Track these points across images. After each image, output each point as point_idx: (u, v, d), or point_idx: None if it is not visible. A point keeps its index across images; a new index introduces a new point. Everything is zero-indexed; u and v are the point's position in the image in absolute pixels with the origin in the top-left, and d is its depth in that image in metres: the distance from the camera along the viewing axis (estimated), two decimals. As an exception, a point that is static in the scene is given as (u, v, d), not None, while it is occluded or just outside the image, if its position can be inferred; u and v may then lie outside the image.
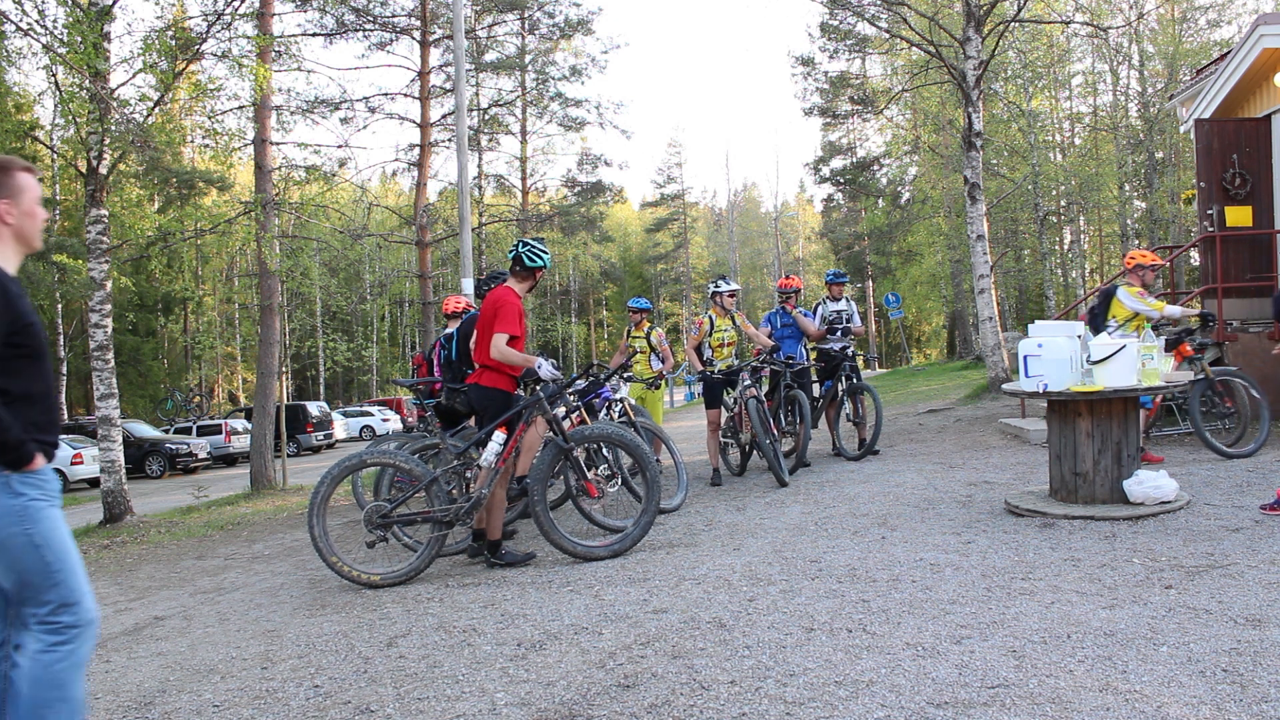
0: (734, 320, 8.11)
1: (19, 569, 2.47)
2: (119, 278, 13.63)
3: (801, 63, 37.04)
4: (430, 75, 22.45)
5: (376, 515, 5.26)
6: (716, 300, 8.05)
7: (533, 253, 5.56)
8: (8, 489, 2.46)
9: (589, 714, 2.95)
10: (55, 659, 2.47)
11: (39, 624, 2.49)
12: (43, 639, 2.48)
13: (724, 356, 8.02)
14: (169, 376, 36.75)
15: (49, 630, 2.48)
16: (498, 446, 5.28)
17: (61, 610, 2.50)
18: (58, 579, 2.50)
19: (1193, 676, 2.86)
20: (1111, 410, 5.32)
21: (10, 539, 2.45)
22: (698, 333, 8.10)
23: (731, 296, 8.06)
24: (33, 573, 2.48)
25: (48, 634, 2.48)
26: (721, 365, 7.92)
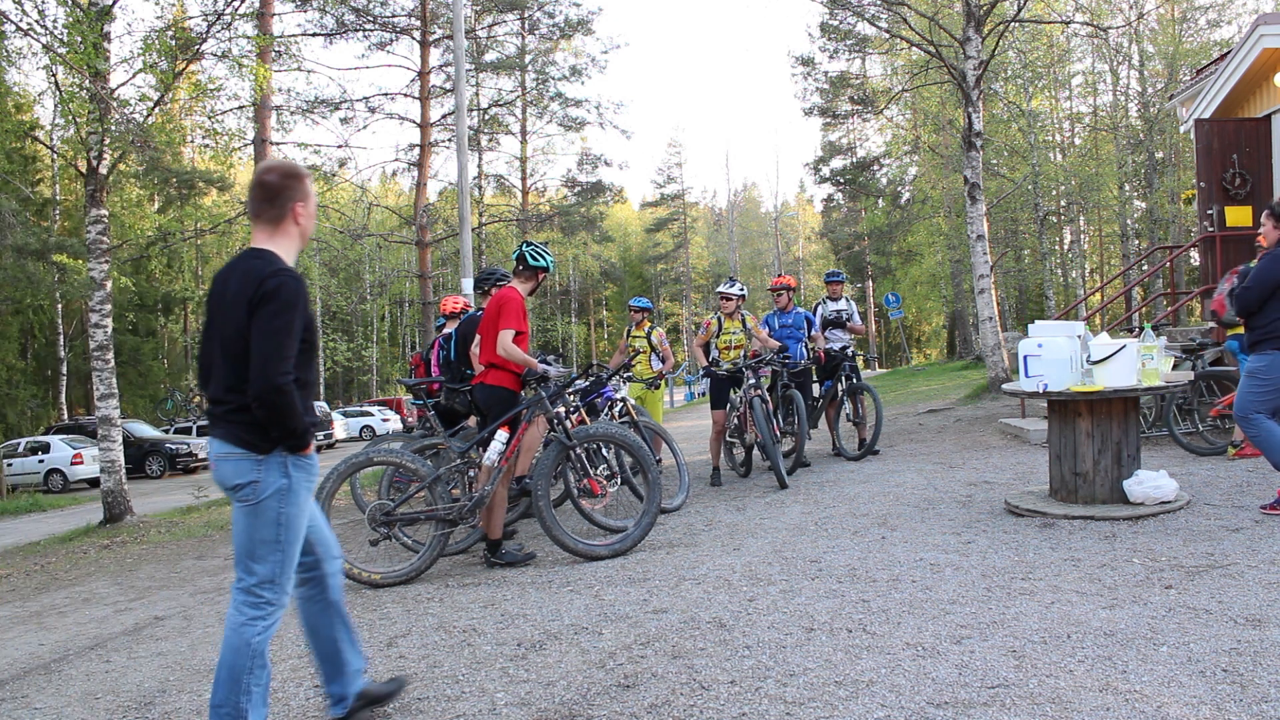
0: (744, 323, 7.99)
1: (257, 537, 2.72)
2: (119, 278, 13.63)
3: (801, 63, 37.09)
4: (430, 75, 22.47)
5: (380, 514, 5.26)
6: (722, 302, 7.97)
7: (536, 253, 5.58)
8: (282, 469, 2.74)
9: (589, 714, 2.95)
10: (251, 629, 2.71)
11: (243, 594, 2.74)
12: (243, 609, 2.72)
13: (730, 359, 7.90)
14: (169, 376, 36.73)
15: (251, 601, 2.73)
16: (500, 445, 5.29)
17: (266, 585, 2.74)
18: (278, 557, 2.75)
19: (1193, 676, 2.86)
20: (1111, 410, 5.32)
21: (265, 510, 2.71)
22: (704, 331, 8.01)
23: (726, 300, 7.89)
24: (265, 543, 2.72)
25: (248, 604, 2.73)
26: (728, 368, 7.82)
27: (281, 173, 2.86)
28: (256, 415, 2.65)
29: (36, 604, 6.34)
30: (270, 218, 2.83)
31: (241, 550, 2.75)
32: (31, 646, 4.95)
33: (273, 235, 2.84)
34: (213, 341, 2.78)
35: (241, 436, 2.71)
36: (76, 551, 8.98)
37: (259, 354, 2.63)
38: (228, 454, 2.72)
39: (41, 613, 5.97)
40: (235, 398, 2.70)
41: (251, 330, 2.65)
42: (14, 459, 21.66)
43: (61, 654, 4.67)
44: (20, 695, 3.96)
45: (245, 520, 2.74)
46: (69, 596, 6.49)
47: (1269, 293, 4.90)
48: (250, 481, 2.70)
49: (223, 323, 2.72)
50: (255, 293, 2.66)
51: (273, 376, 2.62)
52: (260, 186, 2.83)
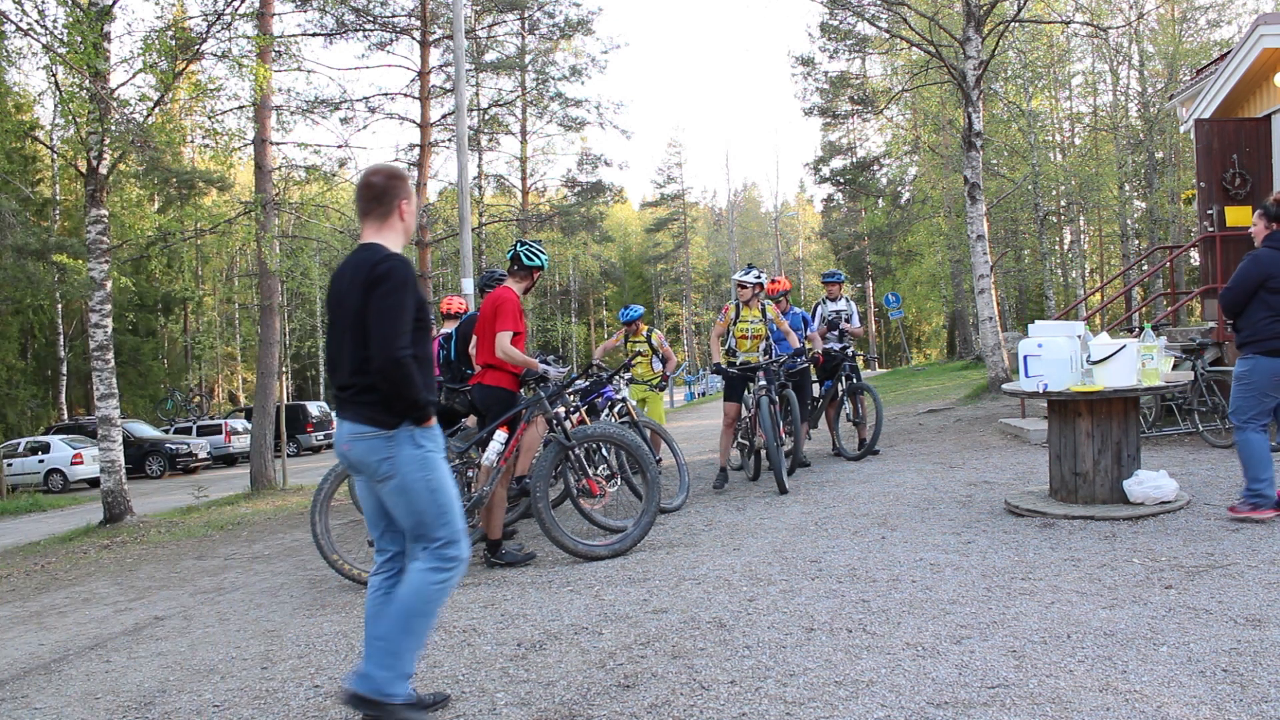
0: (764, 312, 7.64)
1: (417, 510, 2.90)
2: (119, 278, 13.59)
3: (801, 63, 37.07)
4: (430, 75, 22.47)
5: None
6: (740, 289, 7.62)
7: (530, 252, 5.58)
8: (412, 441, 2.90)
9: (589, 714, 2.95)
10: (434, 583, 2.90)
11: (429, 554, 2.93)
12: (429, 566, 2.92)
13: (747, 349, 7.54)
14: (169, 376, 36.72)
15: (437, 561, 2.92)
16: (499, 446, 5.29)
17: (448, 545, 2.94)
18: (447, 519, 2.94)
19: (1193, 676, 2.86)
20: (1111, 410, 5.32)
21: (414, 484, 2.88)
22: (723, 319, 7.70)
23: (743, 288, 7.53)
24: (428, 513, 2.91)
25: (435, 563, 2.92)
26: (745, 358, 7.51)
27: (386, 174, 3.06)
28: (380, 390, 2.83)
29: (36, 604, 6.34)
30: (379, 215, 3.03)
31: (412, 526, 2.94)
32: (31, 646, 4.95)
33: (380, 230, 3.04)
34: (340, 332, 2.98)
35: (369, 415, 2.88)
36: (76, 551, 8.98)
37: (377, 332, 2.82)
38: (359, 434, 2.89)
39: (41, 613, 5.97)
40: (361, 379, 2.88)
41: (368, 311, 2.84)
42: (14, 459, 21.65)
43: (61, 654, 4.67)
44: (20, 695, 3.96)
45: (399, 498, 2.91)
46: (69, 596, 6.49)
47: (1250, 294, 4.82)
48: (385, 458, 2.87)
49: (344, 312, 2.94)
50: (368, 277, 2.86)
51: (392, 351, 2.80)
52: (368, 187, 3.03)
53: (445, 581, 2.91)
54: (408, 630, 2.86)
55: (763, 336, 7.60)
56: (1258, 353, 4.83)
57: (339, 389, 2.99)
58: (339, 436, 2.98)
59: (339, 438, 2.98)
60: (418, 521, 2.92)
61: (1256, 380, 4.83)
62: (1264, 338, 4.80)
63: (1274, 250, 4.83)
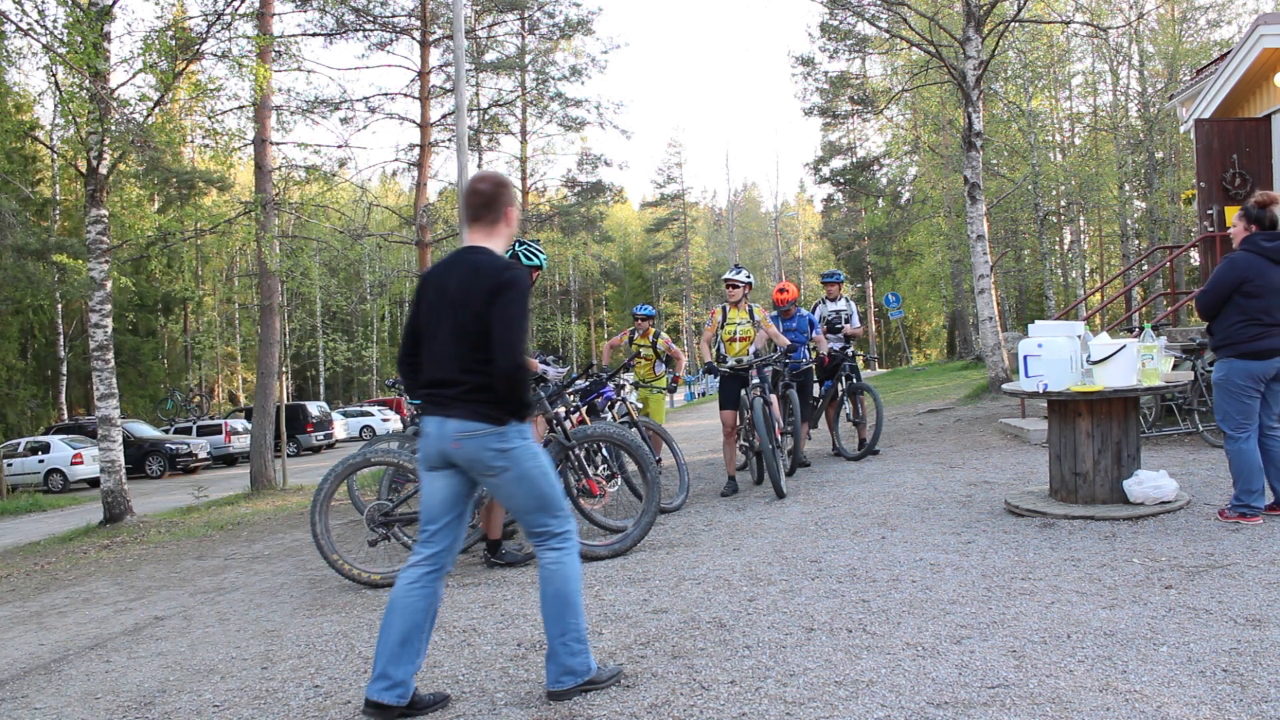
0: (751, 314, 7.51)
1: (539, 494, 3.08)
2: (119, 278, 13.59)
3: (801, 63, 37.06)
4: (430, 75, 22.44)
5: (379, 514, 5.26)
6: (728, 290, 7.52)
7: (529, 251, 5.58)
8: (520, 435, 3.07)
9: (589, 714, 2.95)
10: (562, 563, 3.08)
11: (547, 538, 3.10)
12: (551, 551, 3.08)
13: (736, 353, 7.41)
14: (169, 376, 36.72)
15: (556, 542, 3.09)
16: None
17: (562, 524, 3.12)
18: (555, 502, 3.12)
19: (1193, 676, 2.86)
20: (1111, 410, 5.32)
21: (531, 471, 3.07)
22: (711, 324, 7.60)
23: (733, 288, 7.45)
24: (548, 495, 3.10)
25: (555, 546, 3.09)
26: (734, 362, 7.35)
27: (494, 181, 3.20)
28: (499, 391, 2.97)
29: (36, 604, 6.34)
30: (489, 221, 3.17)
31: (534, 510, 3.09)
32: (31, 646, 4.95)
33: (489, 235, 3.16)
34: (444, 330, 3.06)
35: (481, 412, 3.00)
36: (76, 551, 8.98)
37: (504, 338, 2.95)
38: (471, 432, 3.00)
39: (41, 613, 5.97)
40: (472, 378, 3.00)
41: (492, 317, 2.96)
42: (14, 459, 21.65)
43: (61, 654, 4.67)
44: (20, 695, 3.96)
45: (519, 487, 3.06)
46: (69, 596, 6.49)
47: (1225, 298, 4.78)
48: (500, 453, 3.01)
49: (455, 312, 3.02)
50: (494, 284, 2.98)
51: (516, 355, 2.96)
52: (476, 194, 3.17)
53: (572, 555, 3.11)
54: (575, 611, 3.06)
55: (750, 339, 7.48)
56: (1230, 355, 4.80)
57: (436, 385, 3.08)
58: (440, 434, 3.04)
59: (440, 435, 3.04)
60: (539, 506, 3.08)
61: (1232, 383, 4.80)
62: (1236, 341, 4.76)
63: (1250, 254, 4.78)
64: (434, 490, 3.13)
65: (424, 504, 3.17)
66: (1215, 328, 4.90)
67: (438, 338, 3.09)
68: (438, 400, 3.07)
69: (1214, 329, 4.91)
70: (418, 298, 3.22)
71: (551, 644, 3.06)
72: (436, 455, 3.07)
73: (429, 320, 3.14)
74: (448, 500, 3.12)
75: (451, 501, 3.12)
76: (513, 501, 3.11)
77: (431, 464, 3.11)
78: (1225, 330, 4.82)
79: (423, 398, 3.15)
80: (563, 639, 3.04)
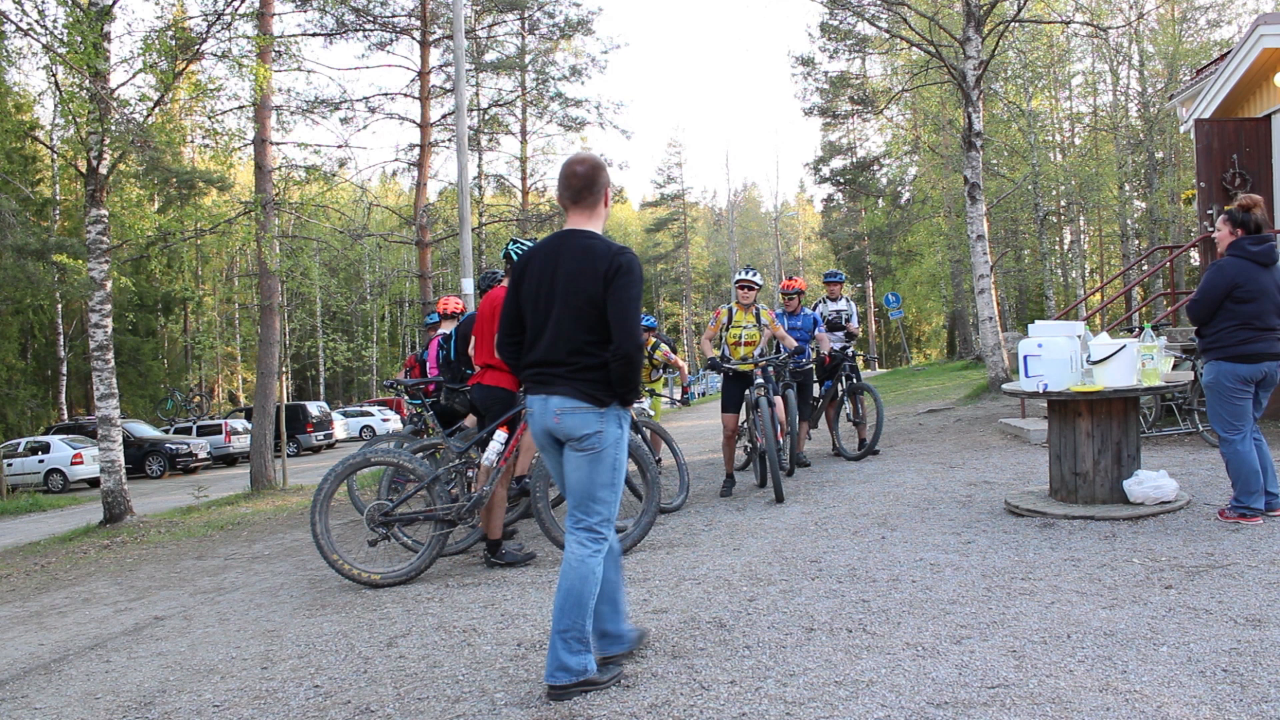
0: (759, 317, 7.34)
1: (597, 481, 3.11)
2: (119, 278, 13.60)
3: (801, 63, 37.06)
4: (430, 75, 22.45)
5: (378, 514, 5.26)
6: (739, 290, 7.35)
7: (520, 249, 5.55)
8: (618, 420, 3.14)
9: (589, 714, 2.95)
10: (594, 559, 3.09)
11: (584, 531, 3.13)
12: (585, 544, 3.10)
13: (740, 356, 7.27)
14: (169, 376, 36.72)
15: (592, 537, 3.12)
16: (499, 445, 5.29)
17: (604, 523, 3.15)
18: (614, 498, 3.16)
19: (1193, 676, 2.86)
20: (1111, 410, 5.32)
21: (606, 458, 3.11)
22: (714, 323, 7.47)
23: (748, 289, 7.28)
24: (604, 486, 3.13)
25: (589, 540, 3.11)
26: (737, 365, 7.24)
27: (591, 164, 3.24)
28: (614, 372, 3.04)
29: (36, 604, 6.34)
30: (588, 203, 3.21)
31: (582, 494, 3.12)
32: (31, 646, 4.95)
33: (590, 217, 3.22)
34: (549, 310, 3.11)
35: (587, 392, 3.07)
36: (76, 551, 8.98)
37: (621, 321, 3.03)
38: (574, 408, 3.07)
39: (41, 613, 5.97)
40: (583, 359, 3.06)
41: (609, 300, 3.03)
42: (14, 459, 21.65)
43: (61, 654, 4.67)
44: (20, 695, 3.96)
45: (587, 468, 3.10)
46: (69, 596, 6.49)
47: (1217, 304, 4.78)
48: (595, 432, 3.07)
49: (567, 294, 3.08)
50: (609, 267, 3.04)
51: (635, 339, 3.03)
52: (575, 176, 3.20)
53: (601, 553, 3.11)
54: (587, 612, 3.06)
55: (756, 343, 7.34)
56: (1219, 358, 4.80)
57: (544, 365, 3.13)
58: (543, 410, 3.11)
59: (544, 411, 3.11)
60: (589, 493, 3.12)
61: (1222, 385, 4.80)
62: (1226, 345, 4.77)
63: (1239, 259, 4.77)
64: (556, 465, 3.23)
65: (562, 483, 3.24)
66: (1205, 332, 4.90)
67: (548, 319, 3.13)
68: (543, 379, 3.14)
69: (1204, 332, 4.91)
70: (518, 279, 3.25)
71: (552, 636, 3.07)
72: (542, 433, 3.15)
73: (535, 302, 3.18)
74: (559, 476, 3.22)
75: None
76: (574, 478, 3.14)
77: (541, 443, 3.20)
78: (1215, 334, 4.82)
79: (528, 377, 3.21)
80: (564, 634, 3.04)
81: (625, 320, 3.04)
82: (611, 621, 3.27)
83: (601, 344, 3.06)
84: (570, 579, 3.06)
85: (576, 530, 3.14)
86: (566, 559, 3.11)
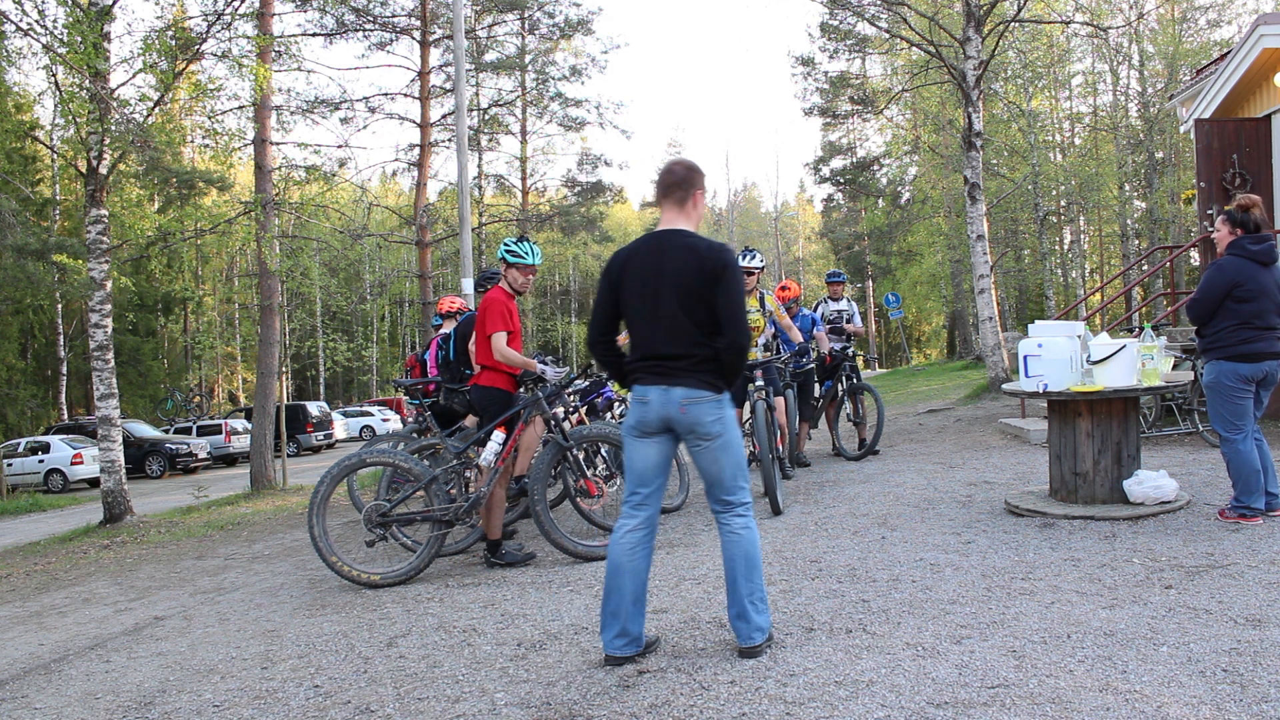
0: (762, 302, 7.05)
1: (734, 461, 3.33)
2: (119, 278, 13.59)
3: (801, 63, 37.02)
4: (430, 75, 22.46)
5: (376, 514, 5.26)
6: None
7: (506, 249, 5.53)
8: (730, 404, 3.35)
9: (589, 714, 2.95)
10: (752, 530, 3.33)
11: (733, 513, 3.33)
12: (738, 522, 3.33)
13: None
14: (169, 376, 36.71)
15: (741, 514, 3.34)
16: (497, 446, 5.28)
17: (747, 496, 3.37)
18: (744, 474, 3.38)
19: (1193, 676, 2.86)
20: (1111, 410, 5.32)
21: (734, 440, 3.32)
22: None
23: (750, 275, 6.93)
24: (740, 465, 3.35)
25: (740, 516, 3.34)
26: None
27: (687, 166, 3.45)
28: (727, 363, 3.28)
29: (36, 604, 6.34)
30: (678, 200, 3.41)
31: (727, 480, 3.32)
32: (31, 646, 4.95)
33: (682, 216, 3.41)
34: (658, 306, 3.28)
35: (709, 382, 3.27)
36: (76, 551, 8.98)
37: (732, 316, 3.25)
38: (699, 398, 3.26)
39: (41, 613, 5.97)
40: (701, 351, 3.27)
41: (719, 296, 3.23)
42: (14, 459, 21.65)
43: (61, 654, 4.67)
44: (20, 695, 3.96)
45: (721, 456, 3.30)
46: (69, 596, 6.49)
47: (1217, 304, 4.78)
48: (718, 418, 3.28)
49: (676, 291, 3.25)
50: (715, 265, 3.24)
51: (746, 330, 3.28)
52: (670, 173, 3.43)
53: (754, 522, 3.37)
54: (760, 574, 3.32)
55: (760, 329, 7.02)
56: (1219, 358, 4.79)
57: (663, 358, 3.29)
58: (664, 401, 3.27)
59: (665, 402, 3.27)
60: (732, 474, 3.31)
61: (1223, 385, 4.79)
62: (1227, 344, 4.76)
63: (1237, 258, 4.77)
64: (646, 456, 3.36)
65: (635, 470, 3.38)
66: (1205, 331, 4.90)
67: (658, 314, 3.29)
68: (662, 371, 3.29)
69: (1204, 332, 4.91)
70: (618, 277, 3.38)
71: (741, 605, 3.28)
72: (657, 421, 3.30)
73: (641, 299, 3.33)
74: (659, 465, 3.38)
75: (662, 466, 3.39)
76: (715, 466, 3.31)
77: (647, 430, 3.33)
78: (1216, 334, 4.82)
79: (640, 369, 3.34)
80: (751, 599, 3.27)
81: (737, 314, 3.26)
82: (636, 622, 3.38)
83: (710, 336, 3.27)
84: (742, 548, 3.28)
85: (729, 514, 3.33)
86: (729, 534, 3.31)
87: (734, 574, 3.29)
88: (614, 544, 3.36)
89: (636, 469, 3.38)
